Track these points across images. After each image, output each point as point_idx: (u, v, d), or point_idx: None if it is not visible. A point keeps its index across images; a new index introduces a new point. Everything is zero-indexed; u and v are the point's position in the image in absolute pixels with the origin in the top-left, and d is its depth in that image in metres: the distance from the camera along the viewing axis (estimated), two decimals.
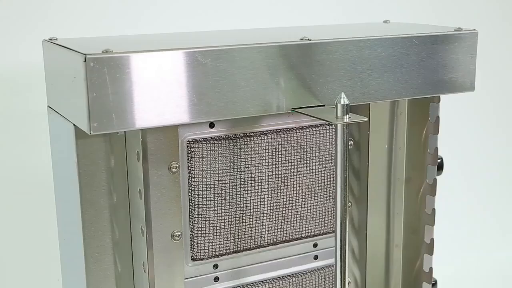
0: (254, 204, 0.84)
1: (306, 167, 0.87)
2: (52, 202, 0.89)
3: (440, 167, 0.91)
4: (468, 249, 1.71)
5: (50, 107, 0.82)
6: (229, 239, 0.84)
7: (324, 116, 0.75)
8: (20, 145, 1.22)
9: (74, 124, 0.73)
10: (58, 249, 0.89)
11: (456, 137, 1.56)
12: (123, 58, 0.68)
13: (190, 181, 0.80)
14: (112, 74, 0.67)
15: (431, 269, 0.91)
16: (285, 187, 0.85)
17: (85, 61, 0.66)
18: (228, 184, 0.82)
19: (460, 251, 1.68)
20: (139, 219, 0.76)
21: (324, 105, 0.79)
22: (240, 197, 0.82)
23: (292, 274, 0.90)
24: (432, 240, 0.90)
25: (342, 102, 0.72)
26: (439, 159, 0.90)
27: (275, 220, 0.86)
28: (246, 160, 0.82)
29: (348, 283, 0.80)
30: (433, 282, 0.93)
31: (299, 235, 0.89)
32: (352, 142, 0.92)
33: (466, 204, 1.69)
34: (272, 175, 0.84)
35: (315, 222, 0.90)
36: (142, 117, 0.69)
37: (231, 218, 0.83)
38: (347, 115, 0.73)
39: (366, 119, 0.75)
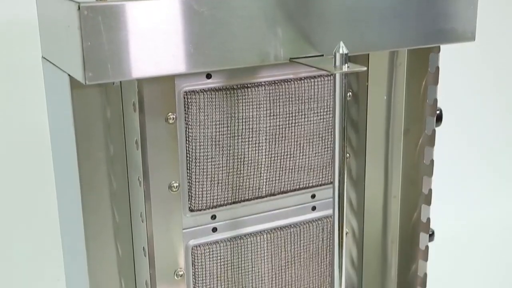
0: (252, 155, 0.83)
1: (304, 118, 0.86)
2: (49, 155, 0.88)
3: (439, 119, 0.90)
4: (466, 200, 1.72)
5: (44, 58, 0.81)
6: (226, 189, 0.84)
7: (323, 65, 0.74)
8: (15, 98, 1.21)
9: (69, 75, 0.72)
10: (56, 203, 0.90)
11: (455, 89, 1.55)
12: (118, 6, 0.67)
13: (187, 133, 0.80)
14: (107, 23, 0.66)
15: (428, 219, 0.91)
16: (283, 138, 0.85)
17: (78, 9, 0.65)
18: (225, 135, 0.81)
19: (458, 202, 1.69)
20: (136, 170, 0.75)
21: (322, 55, 0.78)
22: (237, 148, 0.82)
23: (290, 225, 0.91)
24: (430, 191, 0.90)
25: (340, 52, 0.71)
26: (438, 110, 0.89)
27: (273, 171, 0.86)
28: (244, 111, 0.82)
29: (346, 234, 0.80)
30: (431, 233, 0.94)
31: (297, 186, 0.89)
32: (350, 93, 0.91)
33: (465, 156, 1.69)
34: (270, 126, 0.84)
35: (313, 173, 0.89)
36: (138, 67, 0.69)
37: (229, 169, 0.83)
38: (346, 65, 0.72)
39: (365, 68, 0.74)
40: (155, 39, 0.69)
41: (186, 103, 0.79)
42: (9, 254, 1.30)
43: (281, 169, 0.86)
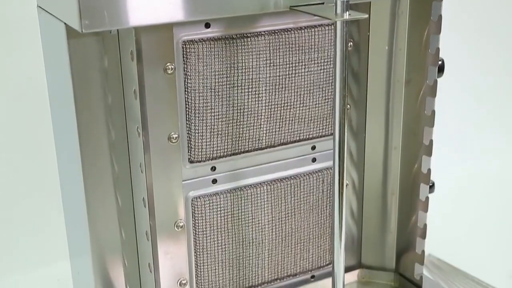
0: (252, 105, 0.83)
1: (304, 68, 0.85)
2: (47, 106, 0.88)
3: (441, 69, 0.89)
4: (466, 152, 1.72)
5: (40, 7, 0.79)
6: (226, 140, 0.83)
7: (323, 13, 0.73)
8: (11, 49, 1.20)
9: (65, 23, 0.71)
10: (55, 155, 0.89)
11: (457, 39, 1.53)
12: None
13: (186, 83, 0.79)
14: None
15: (429, 170, 0.90)
16: (283, 88, 0.84)
17: None
18: (225, 85, 0.80)
19: (458, 154, 1.68)
20: (135, 120, 0.75)
21: (323, 3, 0.76)
22: (237, 98, 0.81)
23: (290, 177, 0.90)
24: (431, 141, 0.89)
25: None
26: (440, 61, 0.88)
27: (273, 122, 0.85)
28: (243, 61, 0.80)
29: (346, 186, 0.80)
30: (431, 184, 0.94)
31: (297, 138, 0.89)
32: (351, 43, 0.90)
33: (466, 107, 1.68)
34: (269, 76, 0.83)
35: (314, 124, 0.89)
36: (135, 14, 0.67)
37: (229, 119, 0.82)
38: (347, 12, 0.70)
39: (367, 15, 0.72)
40: None
41: (184, 53, 0.77)
42: (9, 213, 1.30)
43: (281, 120, 0.86)
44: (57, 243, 1.16)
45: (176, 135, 0.78)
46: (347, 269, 0.97)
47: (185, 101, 0.79)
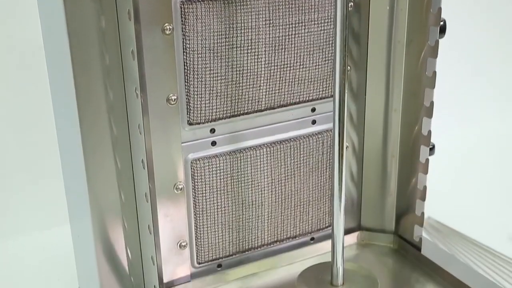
0: (251, 66, 0.82)
1: (304, 29, 0.84)
2: (44, 67, 0.87)
3: (442, 30, 0.88)
4: (466, 115, 1.71)
5: None
6: (225, 102, 0.82)
7: None
8: (8, 9, 1.18)
9: None
10: (53, 116, 0.89)
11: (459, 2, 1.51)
12: None
13: (184, 44, 0.78)
14: None
15: (429, 132, 0.90)
16: (283, 49, 0.83)
17: None
18: (224, 46, 0.79)
19: (458, 117, 1.68)
20: (133, 81, 0.74)
21: None
22: (236, 59, 0.80)
23: (290, 139, 0.90)
24: (432, 103, 0.88)
25: None
26: (442, 21, 0.87)
27: (273, 83, 0.84)
28: (243, 21, 0.79)
29: (346, 148, 0.79)
30: (431, 147, 0.93)
31: (297, 99, 0.88)
32: (352, 3, 0.89)
33: (467, 69, 1.67)
34: (269, 36, 0.81)
35: (314, 86, 0.88)
36: None
37: (228, 80, 0.81)
38: None
39: None
40: None
41: (183, 13, 0.76)
42: (9, 178, 1.30)
43: (280, 81, 0.85)
44: (57, 207, 1.16)
45: (175, 97, 0.77)
46: (347, 231, 0.97)
47: (184, 62, 0.79)
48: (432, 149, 0.95)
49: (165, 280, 0.87)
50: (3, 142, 1.28)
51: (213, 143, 0.85)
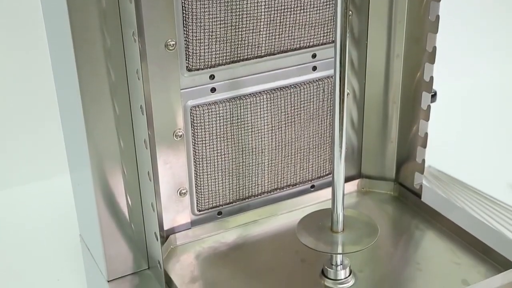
0: (251, 10, 0.80)
1: None
2: (40, 14, 0.85)
3: None
4: (468, 62, 1.70)
5: None
6: (225, 47, 0.81)
7: None
8: None
9: None
10: (50, 63, 0.87)
11: None
12: None
13: None
14: None
15: (431, 78, 0.89)
16: None
17: None
18: None
19: (460, 64, 1.67)
20: (131, 25, 0.72)
21: None
22: (236, 2, 0.79)
23: (290, 85, 0.89)
24: (434, 48, 0.87)
25: None
26: None
27: (273, 27, 0.83)
28: None
29: (347, 95, 0.78)
30: (433, 93, 0.92)
31: (298, 45, 0.87)
32: None
33: (471, 13, 1.64)
34: None
35: (314, 31, 0.86)
36: None
37: (227, 25, 0.79)
38: None
39: None
40: None
41: None
42: (8, 127, 1.30)
43: (281, 25, 0.83)
44: (56, 157, 1.16)
45: (173, 42, 0.76)
46: (347, 179, 0.97)
47: (182, 5, 0.77)
48: (434, 96, 0.94)
49: (165, 227, 0.87)
50: (1, 91, 1.27)
51: (213, 90, 0.84)
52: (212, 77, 0.83)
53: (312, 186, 0.97)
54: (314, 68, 0.90)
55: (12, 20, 1.23)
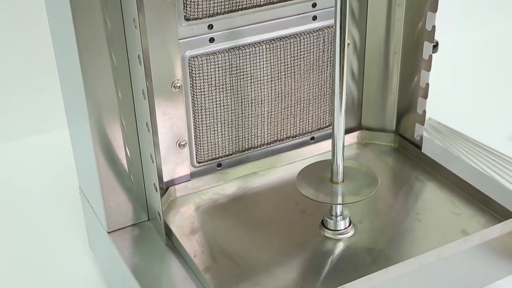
0: None
1: None
2: None
3: None
4: (470, 12, 1.68)
5: None
6: None
7: None
8: None
9: None
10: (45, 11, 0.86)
11: None
12: None
13: None
14: None
15: (433, 27, 0.87)
16: None
17: None
18: None
19: (462, 14, 1.65)
20: None
21: None
22: None
23: (290, 35, 0.87)
24: None
25: None
26: None
27: None
28: None
29: (348, 45, 0.77)
30: (435, 44, 0.91)
31: None
32: None
33: None
34: None
35: None
36: None
37: None
38: None
39: None
40: None
41: None
42: (6, 82, 1.29)
43: None
44: (56, 111, 1.15)
45: None
46: (347, 131, 0.97)
47: None
48: (435, 47, 0.93)
49: (165, 179, 0.87)
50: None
51: (211, 40, 0.83)
52: (210, 26, 0.82)
53: (312, 138, 0.97)
54: (314, 18, 0.89)
55: None
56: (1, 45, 1.26)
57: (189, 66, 0.82)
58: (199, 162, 0.89)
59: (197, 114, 0.85)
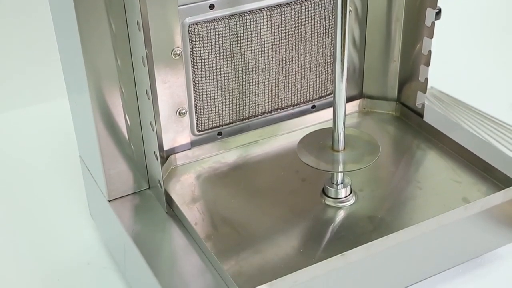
0: None
1: None
2: None
3: None
4: None
5: None
6: None
7: None
8: None
9: None
10: None
11: None
12: None
13: None
14: None
15: None
16: None
17: None
18: None
19: None
20: None
21: None
22: None
23: (290, 2, 0.86)
24: None
25: None
26: None
27: None
28: None
29: (349, 12, 0.76)
30: (437, 10, 0.90)
31: None
32: None
33: None
34: None
35: None
36: None
37: None
38: None
39: None
40: None
41: None
42: (5, 53, 1.28)
43: None
44: (56, 79, 1.14)
45: None
46: (348, 99, 0.96)
47: None
48: (438, 14, 0.92)
49: (165, 148, 0.86)
50: None
51: (211, 6, 0.82)
52: None
53: (313, 106, 0.96)
54: None
55: None
56: (2, 14, 1.25)
57: (189, 33, 0.81)
58: (199, 131, 0.89)
59: (197, 82, 0.84)
